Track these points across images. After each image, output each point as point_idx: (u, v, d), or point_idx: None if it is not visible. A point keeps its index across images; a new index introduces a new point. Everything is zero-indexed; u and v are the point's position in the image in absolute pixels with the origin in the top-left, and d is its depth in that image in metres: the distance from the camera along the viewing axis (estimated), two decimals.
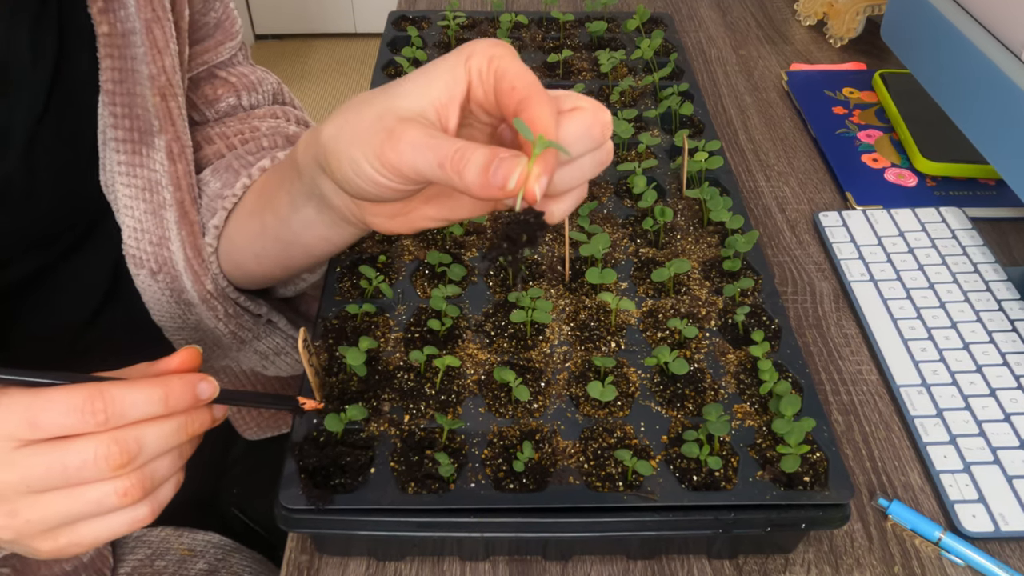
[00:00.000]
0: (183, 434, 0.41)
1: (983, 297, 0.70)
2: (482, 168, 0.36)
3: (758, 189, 0.83)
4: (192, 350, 0.44)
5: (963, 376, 0.63)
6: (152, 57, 0.56)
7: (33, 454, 0.38)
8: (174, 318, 0.64)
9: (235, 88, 0.66)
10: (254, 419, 0.77)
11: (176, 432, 0.41)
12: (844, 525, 0.50)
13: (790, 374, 0.56)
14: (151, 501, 0.42)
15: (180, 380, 0.41)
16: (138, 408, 0.39)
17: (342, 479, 0.49)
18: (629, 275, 0.63)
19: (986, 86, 0.68)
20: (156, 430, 0.40)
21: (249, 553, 0.70)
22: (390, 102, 0.40)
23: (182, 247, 0.59)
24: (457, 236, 0.66)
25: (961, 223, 0.77)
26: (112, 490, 0.39)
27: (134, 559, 0.66)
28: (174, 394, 0.40)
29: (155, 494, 0.42)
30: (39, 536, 0.40)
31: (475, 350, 0.57)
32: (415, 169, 0.39)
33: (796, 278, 0.74)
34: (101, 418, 0.38)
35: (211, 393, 0.42)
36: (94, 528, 0.41)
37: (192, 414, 0.42)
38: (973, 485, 0.57)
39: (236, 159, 0.62)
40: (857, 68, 1.00)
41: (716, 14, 1.12)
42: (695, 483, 0.50)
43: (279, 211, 0.55)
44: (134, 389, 0.39)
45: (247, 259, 0.61)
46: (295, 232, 0.55)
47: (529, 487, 0.49)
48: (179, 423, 0.41)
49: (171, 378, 0.41)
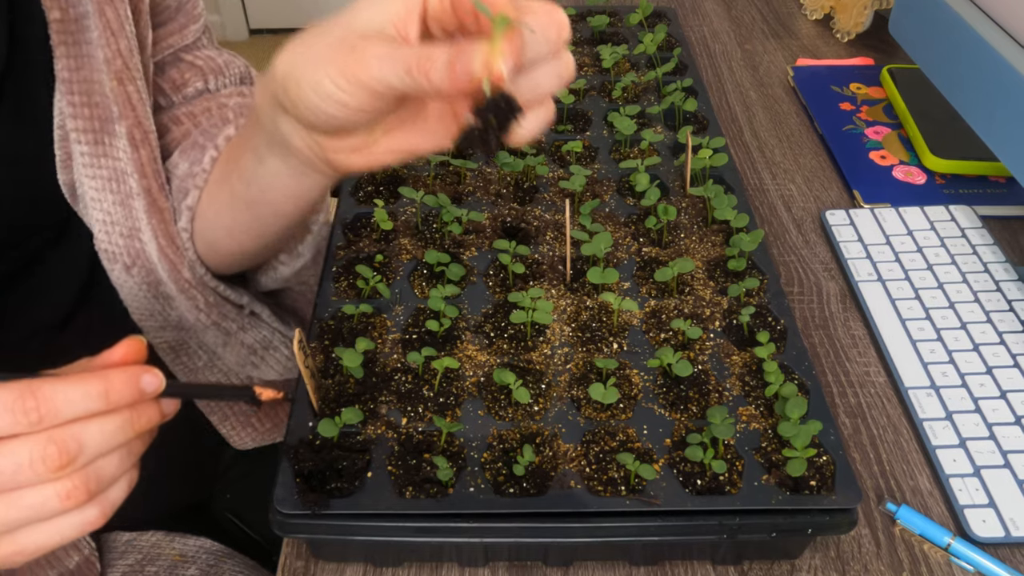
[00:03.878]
0: (128, 431, 0.38)
1: (993, 297, 0.68)
2: (447, 63, 0.36)
3: (763, 187, 0.82)
4: (135, 340, 0.41)
5: (973, 378, 0.62)
6: (106, 40, 0.55)
7: None
8: (154, 315, 0.63)
9: (202, 72, 0.65)
10: (244, 428, 0.75)
11: (121, 429, 0.38)
12: (851, 530, 0.50)
13: (796, 376, 0.55)
14: (100, 502, 0.39)
15: (121, 373, 0.38)
16: (75, 405, 0.36)
17: (338, 483, 0.48)
18: (632, 275, 0.62)
19: (996, 81, 0.67)
20: (98, 427, 0.37)
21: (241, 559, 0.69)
22: (349, 24, 0.41)
23: (154, 236, 0.58)
24: (456, 235, 0.65)
25: (971, 221, 0.76)
26: (53, 493, 0.37)
27: (124, 564, 0.65)
28: (115, 388, 0.37)
29: (104, 495, 0.39)
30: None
31: (474, 351, 0.56)
32: (383, 81, 0.39)
33: (802, 278, 0.73)
34: (34, 417, 0.36)
35: (156, 386, 0.39)
36: (38, 534, 0.38)
37: (138, 409, 0.39)
38: (983, 489, 0.56)
39: (201, 135, 0.61)
40: (865, 63, 0.99)
41: (721, 8, 1.11)
42: (699, 487, 0.49)
43: (244, 171, 0.54)
44: (70, 385, 0.36)
45: (219, 235, 0.60)
46: (262, 190, 0.53)
47: (529, 491, 0.48)
48: (123, 419, 0.38)
49: (111, 371, 0.38)
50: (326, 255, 0.64)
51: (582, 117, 0.79)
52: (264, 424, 0.76)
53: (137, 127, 0.57)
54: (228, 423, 0.75)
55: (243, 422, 0.75)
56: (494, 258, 0.63)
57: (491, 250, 0.64)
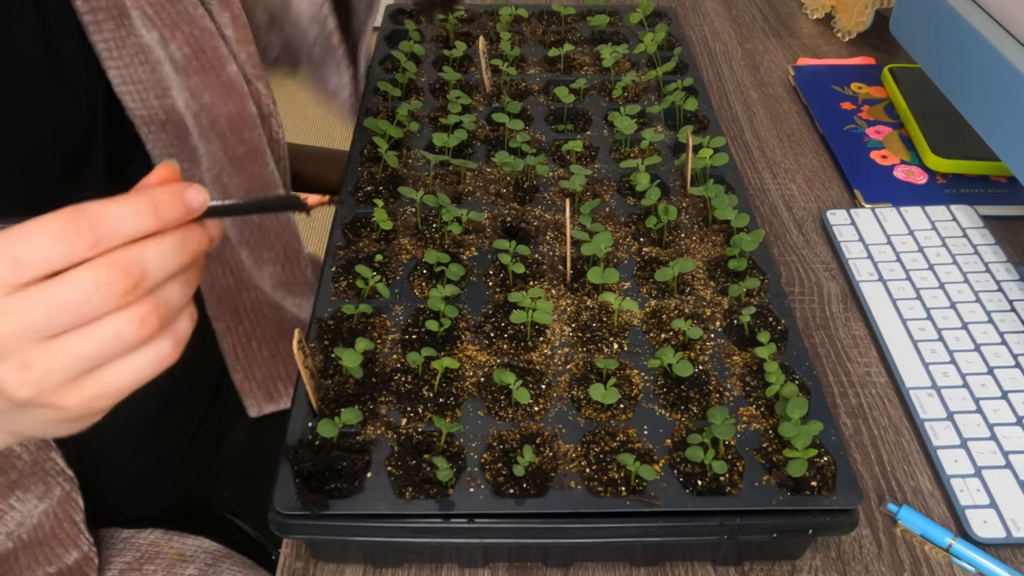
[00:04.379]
0: (185, 252, 0.37)
1: (995, 297, 0.68)
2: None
3: (764, 187, 0.82)
4: (169, 165, 0.39)
5: (974, 378, 0.62)
6: None
7: (27, 297, 0.34)
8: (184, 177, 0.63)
9: None
10: (260, 386, 0.73)
11: (177, 250, 0.37)
12: (852, 531, 0.50)
13: (797, 376, 0.55)
14: (172, 334, 0.38)
15: (166, 189, 0.36)
16: (128, 223, 0.35)
17: (338, 484, 0.48)
18: (632, 275, 0.62)
19: (998, 81, 0.67)
20: (155, 249, 0.36)
21: (240, 559, 0.69)
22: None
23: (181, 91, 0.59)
24: (456, 235, 0.65)
25: (972, 221, 0.75)
26: (127, 321, 0.35)
27: (121, 562, 0.65)
28: (163, 204, 0.36)
29: (174, 327, 0.38)
30: (61, 390, 0.36)
31: (474, 351, 0.56)
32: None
33: (803, 278, 0.72)
34: (91, 239, 0.34)
35: (202, 201, 0.37)
36: (118, 372, 0.37)
37: (188, 230, 0.37)
38: (984, 490, 0.56)
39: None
40: (866, 62, 0.99)
41: (721, 7, 1.11)
42: (700, 488, 0.49)
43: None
44: (118, 204, 0.35)
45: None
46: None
47: (529, 492, 0.48)
48: (178, 239, 0.37)
49: (155, 189, 0.36)
50: (325, 255, 0.64)
51: (582, 116, 0.79)
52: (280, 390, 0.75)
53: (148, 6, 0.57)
54: (247, 381, 0.73)
55: (260, 384, 0.74)
56: (494, 258, 0.63)
57: (491, 250, 0.64)
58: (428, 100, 0.79)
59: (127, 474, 0.72)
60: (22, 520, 0.59)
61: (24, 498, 0.58)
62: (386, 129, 0.72)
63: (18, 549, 0.60)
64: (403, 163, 0.72)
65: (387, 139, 0.72)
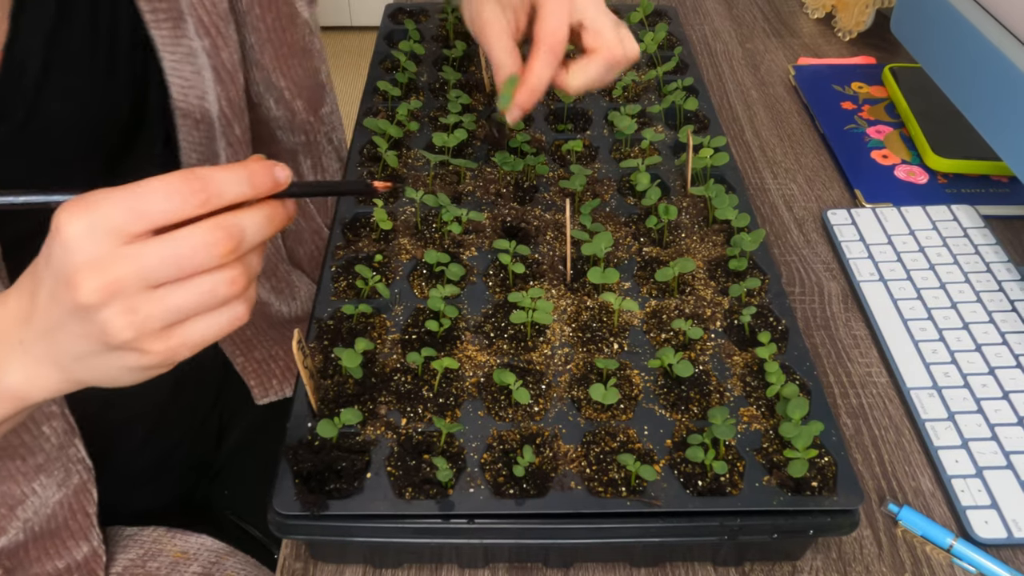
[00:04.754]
0: (272, 225, 0.42)
1: (996, 297, 0.68)
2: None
3: (765, 186, 0.82)
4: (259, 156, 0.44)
5: (975, 378, 0.62)
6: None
7: (145, 246, 0.38)
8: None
9: None
10: (261, 366, 0.76)
11: (267, 221, 0.41)
12: (853, 532, 0.49)
13: (798, 376, 0.55)
14: (247, 299, 0.42)
15: (258, 163, 0.41)
16: (230, 187, 0.40)
17: (337, 484, 0.48)
18: (632, 275, 0.62)
19: (999, 80, 0.67)
20: (252, 217, 0.40)
21: (243, 557, 0.69)
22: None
23: (216, 100, 0.63)
24: (456, 235, 0.65)
25: (973, 221, 0.75)
26: (222, 279, 0.39)
27: (125, 559, 0.65)
28: (256, 174, 0.41)
29: (248, 292, 0.42)
30: (154, 336, 0.39)
31: (474, 352, 0.56)
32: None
33: (804, 278, 0.72)
34: (201, 198, 0.38)
35: (287, 176, 0.42)
36: (202, 326, 0.40)
37: (274, 205, 0.42)
38: (986, 490, 0.55)
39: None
40: (866, 62, 0.99)
41: (722, 7, 1.10)
42: (700, 488, 0.49)
43: None
44: (220, 170, 0.40)
45: None
46: None
47: (529, 492, 0.48)
48: (268, 212, 0.41)
49: (249, 161, 0.41)
50: (325, 255, 0.64)
51: (582, 116, 0.79)
52: (283, 380, 0.77)
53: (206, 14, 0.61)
54: (249, 365, 0.75)
55: (262, 363, 0.75)
56: (494, 258, 0.63)
57: (491, 250, 0.64)
58: (428, 100, 0.79)
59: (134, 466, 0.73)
60: (38, 509, 0.59)
61: (46, 483, 0.59)
62: (386, 129, 0.72)
63: (28, 541, 0.60)
64: (403, 163, 0.72)
65: (387, 139, 0.72)
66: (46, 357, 0.41)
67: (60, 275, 0.38)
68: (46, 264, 0.39)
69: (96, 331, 0.39)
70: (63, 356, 0.41)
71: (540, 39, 0.56)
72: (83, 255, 0.37)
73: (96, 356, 0.40)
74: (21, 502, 0.58)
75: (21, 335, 0.42)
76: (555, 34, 0.55)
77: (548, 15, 0.55)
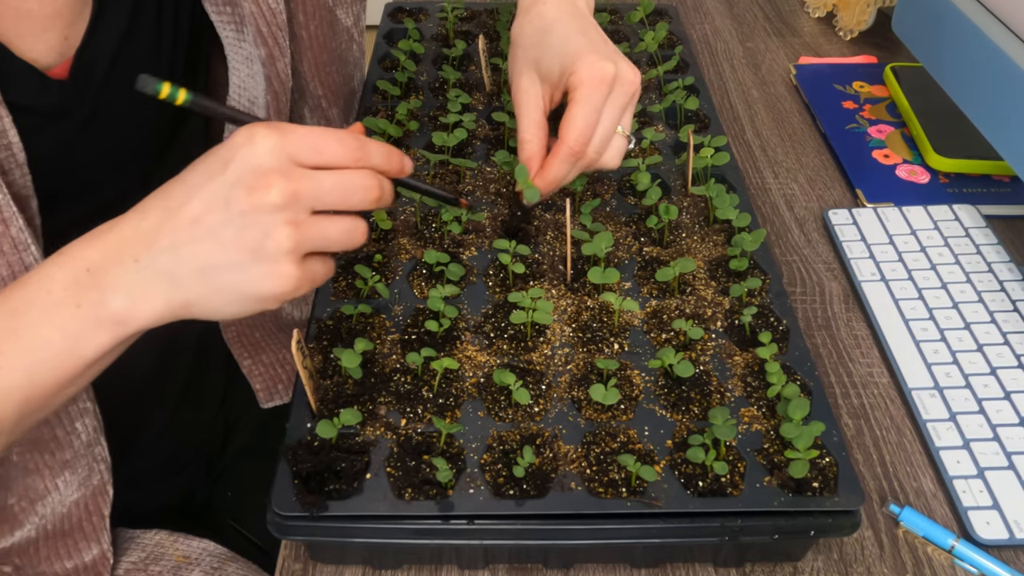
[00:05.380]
0: (390, 198, 0.48)
1: (997, 297, 0.68)
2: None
3: (766, 186, 0.82)
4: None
5: (977, 379, 0.62)
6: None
7: (319, 172, 0.44)
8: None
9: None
10: (268, 370, 0.76)
11: (389, 194, 0.48)
12: (854, 532, 0.49)
13: (798, 377, 0.55)
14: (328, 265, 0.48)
15: (397, 150, 0.49)
16: (376, 155, 0.46)
17: (337, 485, 0.48)
18: (633, 275, 0.62)
19: (1001, 79, 0.66)
20: (387, 183, 0.47)
21: (245, 563, 0.69)
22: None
23: (265, 107, 0.66)
24: (456, 235, 0.65)
25: (975, 221, 0.75)
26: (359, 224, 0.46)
27: (127, 561, 0.65)
28: (393, 155, 0.48)
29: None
30: (298, 258, 0.43)
31: (474, 352, 0.56)
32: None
33: (805, 278, 0.72)
34: (359, 154, 0.45)
35: (410, 168, 0.50)
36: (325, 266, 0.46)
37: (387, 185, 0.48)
38: (987, 491, 0.55)
39: None
40: (868, 61, 0.99)
41: (722, 6, 1.10)
42: (701, 489, 0.48)
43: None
44: (372, 140, 0.47)
45: None
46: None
47: (530, 493, 0.48)
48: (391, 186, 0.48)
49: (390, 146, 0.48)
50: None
51: None
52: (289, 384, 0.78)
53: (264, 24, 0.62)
54: (256, 367, 0.76)
55: (268, 367, 0.76)
56: (494, 258, 0.63)
57: (491, 250, 0.64)
58: (428, 99, 0.79)
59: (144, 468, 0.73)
60: (55, 507, 0.59)
61: (69, 480, 0.59)
62: (385, 128, 0.71)
63: (39, 539, 0.60)
64: None
65: (386, 138, 0.72)
66: (164, 274, 0.43)
67: (247, 176, 0.42)
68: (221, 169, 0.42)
69: (257, 235, 0.42)
70: (188, 270, 0.43)
71: (564, 139, 0.57)
72: (274, 163, 0.42)
73: (231, 268, 0.43)
74: (43, 497, 0.58)
75: (137, 252, 0.43)
76: (579, 140, 0.57)
77: (577, 116, 0.56)
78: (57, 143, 0.56)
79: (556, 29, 0.59)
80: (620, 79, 0.57)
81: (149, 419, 0.73)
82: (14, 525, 0.59)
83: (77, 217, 0.50)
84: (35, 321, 0.43)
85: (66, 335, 0.43)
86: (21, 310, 0.43)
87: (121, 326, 0.43)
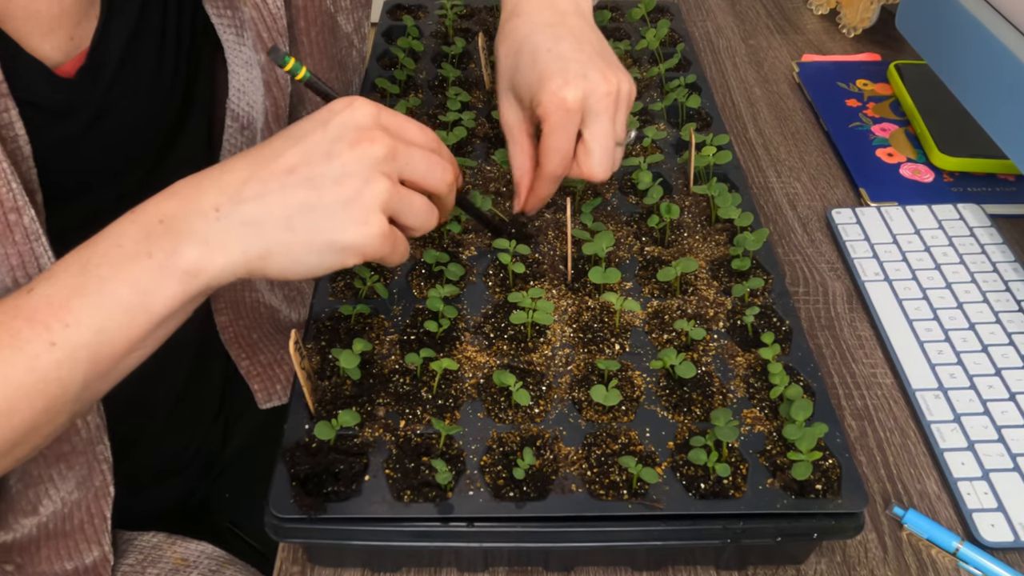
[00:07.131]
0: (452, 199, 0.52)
1: (1002, 297, 0.67)
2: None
3: (768, 185, 0.81)
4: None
5: (981, 379, 0.61)
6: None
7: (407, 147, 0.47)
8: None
9: None
10: (266, 371, 0.76)
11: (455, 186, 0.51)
12: (858, 535, 0.49)
13: (801, 378, 0.54)
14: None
15: (454, 161, 0.52)
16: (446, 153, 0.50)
17: (335, 487, 0.48)
18: (634, 275, 0.62)
19: (1005, 77, 0.66)
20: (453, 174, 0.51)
21: (243, 565, 0.69)
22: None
23: (263, 112, 0.66)
24: (455, 235, 0.64)
25: (979, 220, 0.75)
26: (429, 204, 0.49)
27: (124, 564, 0.65)
28: (455, 165, 0.51)
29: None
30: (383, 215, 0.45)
31: (474, 352, 0.56)
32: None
33: (808, 278, 0.72)
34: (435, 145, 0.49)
35: (461, 183, 0.54)
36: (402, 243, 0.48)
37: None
38: (992, 493, 0.55)
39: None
40: (871, 59, 0.98)
41: (725, 3, 1.10)
42: (703, 491, 0.48)
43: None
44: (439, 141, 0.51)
45: None
46: None
47: (530, 495, 0.48)
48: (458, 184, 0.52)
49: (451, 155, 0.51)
50: None
51: None
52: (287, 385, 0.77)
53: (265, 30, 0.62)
54: (254, 369, 0.76)
55: (266, 368, 0.76)
56: (494, 258, 0.63)
57: (491, 249, 0.63)
58: (427, 97, 0.79)
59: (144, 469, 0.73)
60: (56, 508, 0.59)
61: (66, 475, 0.58)
62: None
63: (40, 539, 0.60)
64: None
65: None
66: (247, 223, 0.43)
67: (350, 133, 0.45)
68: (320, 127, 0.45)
69: (357, 183, 0.44)
70: (275, 215, 0.43)
71: (542, 167, 0.59)
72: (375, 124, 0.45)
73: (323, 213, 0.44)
74: (36, 485, 0.58)
75: (219, 202, 0.43)
76: (558, 166, 0.58)
77: (549, 147, 0.57)
78: (61, 141, 0.56)
79: (525, 49, 0.58)
80: (593, 95, 0.55)
81: (148, 420, 0.73)
82: (18, 513, 0.59)
83: (77, 217, 0.49)
84: (104, 276, 0.42)
85: (135, 288, 0.42)
86: (91, 266, 0.42)
87: (193, 278, 0.43)
